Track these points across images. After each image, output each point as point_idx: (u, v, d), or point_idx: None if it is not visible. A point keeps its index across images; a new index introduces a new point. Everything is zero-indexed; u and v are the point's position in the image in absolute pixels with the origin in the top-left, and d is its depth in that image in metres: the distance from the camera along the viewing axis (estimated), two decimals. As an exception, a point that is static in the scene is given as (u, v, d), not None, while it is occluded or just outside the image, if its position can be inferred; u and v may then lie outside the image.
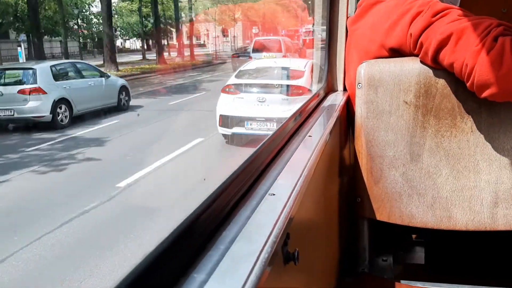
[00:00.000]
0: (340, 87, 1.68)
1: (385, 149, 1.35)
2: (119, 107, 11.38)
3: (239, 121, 7.30)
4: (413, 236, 1.70)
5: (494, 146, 1.28)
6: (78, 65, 11.55)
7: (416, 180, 1.34)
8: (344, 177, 1.48)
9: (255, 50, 17.86)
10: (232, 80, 7.94)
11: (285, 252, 0.66)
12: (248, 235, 0.59)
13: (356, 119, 1.38)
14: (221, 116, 7.35)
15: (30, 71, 9.70)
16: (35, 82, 9.38)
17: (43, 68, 9.97)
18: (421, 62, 1.27)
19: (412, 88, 1.29)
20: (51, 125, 9.27)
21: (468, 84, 1.15)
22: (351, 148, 1.46)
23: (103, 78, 11.47)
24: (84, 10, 34.27)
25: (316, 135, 1.11)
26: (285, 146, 1.03)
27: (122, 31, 42.04)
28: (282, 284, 0.68)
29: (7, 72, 10.23)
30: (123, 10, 39.92)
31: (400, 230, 1.43)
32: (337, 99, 1.56)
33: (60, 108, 9.56)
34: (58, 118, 9.47)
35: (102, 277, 3.87)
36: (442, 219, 1.33)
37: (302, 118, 1.28)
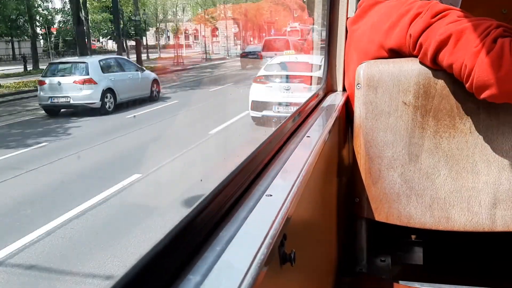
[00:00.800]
0: (339, 87, 1.68)
1: (383, 149, 1.35)
2: (151, 98, 13.12)
3: (268, 105, 8.84)
4: (412, 236, 1.70)
5: (492, 147, 1.28)
6: (119, 60, 13.59)
7: (414, 180, 1.34)
8: (342, 177, 1.48)
9: (265, 48, 20.08)
10: (262, 72, 9.55)
11: (281, 253, 0.66)
12: (244, 236, 0.59)
13: (355, 120, 1.38)
14: (253, 101, 8.86)
15: (83, 65, 11.72)
16: (87, 74, 11.31)
17: (93, 62, 11.92)
18: (420, 63, 1.27)
19: (411, 89, 1.29)
20: (100, 111, 11.11)
21: (467, 85, 1.15)
22: (350, 148, 1.46)
23: (139, 72, 13.26)
24: (37, 6, 29.75)
25: (315, 136, 1.11)
26: (283, 147, 1.03)
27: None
28: (278, 285, 0.68)
29: (63, 65, 12.10)
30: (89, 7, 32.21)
31: (399, 230, 1.43)
32: (336, 99, 1.56)
33: (107, 96, 11.36)
34: (106, 105, 11.33)
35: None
36: (441, 220, 1.33)
37: (301, 119, 1.29)
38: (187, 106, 12.59)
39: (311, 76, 8.41)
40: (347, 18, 1.65)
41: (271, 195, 0.72)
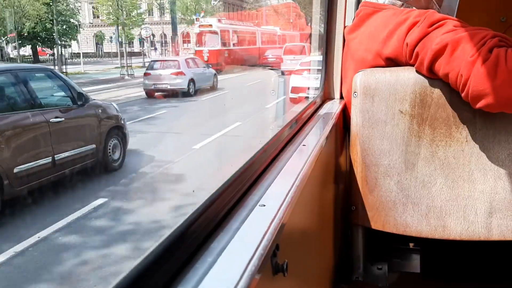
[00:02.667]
0: (336, 95, 1.69)
1: (380, 157, 1.35)
2: (212, 87, 18.18)
3: (302, 89, 10.23)
4: (409, 244, 1.70)
5: (488, 156, 1.28)
6: (195, 59, 18.86)
7: (411, 189, 1.34)
8: (339, 185, 1.48)
9: (286, 53, 23.76)
10: (298, 66, 11.83)
11: (274, 263, 0.66)
12: (236, 247, 0.59)
13: (351, 128, 1.38)
14: (293, 87, 10.49)
15: (176, 62, 17.15)
16: (178, 68, 16.42)
17: (181, 60, 17.33)
18: (417, 72, 1.27)
19: (407, 97, 1.30)
20: (186, 94, 16.01)
21: (463, 95, 1.16)
22: (346, 156, 1.46)
23: (206, 68, 18.62)
24: None
25: (311, 143, 1.11)
26: (279, 155, 1.03)
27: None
28: None
29: (162, 62, 17.61)
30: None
31: (395, 238, 1.43)
32: (334, 107, 1.57)
33: (190, 84, 16.34)
34: (191, 90, 16.39)
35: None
36: (437, 228, 1.33)
37: (298, 126, 1.29)
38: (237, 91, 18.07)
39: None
40: (344, 27, 1.66)
41: (264, 205, 0.72)
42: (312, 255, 1.10)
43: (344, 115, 1.53)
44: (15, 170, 5.06)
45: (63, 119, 6.03)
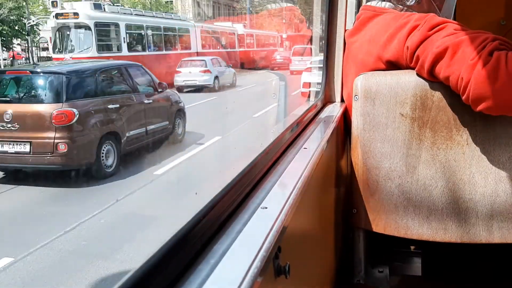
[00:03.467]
0: (337, 98, 1.69)
1: (381, 160, 1.35)
2: (232, 85, 19.72)
3: (313, 84, 11.13)
4: (410, 247, 1.70)
5: (489, 159, 1.28)
6: (218, 59, 20.16)
7: (412, 192, 1.34)
8: (340, 188, 1.49)
9: (294, 54, 24.65)
10: (309, 64, 11.98)
11: (276, 265, 0.66)
12: (238, 249, 0.60)
13: (352, 131, 1.39)
14: (304, 82, 10.68)
15: (204, 61, 18.49)
16: (206, 66, 18.06)
17: (208, 59, 18.88)
18: (418, 75, 1.28)
19: (408, 100, 1.30)
20: (211, 89, 17.47)
21: (463, 98, 1.16)
22: (347, 159, 1.46)
23: (228, 67, 20.35)
24: None
25: (313, 146, 1.12)
26: (280, 158, 1.03)
27: None
28: None
29: (192, 61, 18.87)
30: None
31: (397, 241, 1.43)
32: (334, 110, 1.57)
33: (215, 81, 17.96)
34: (216, 86, 17.95)
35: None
36: (438, 231, 1.33)
37: (299, 129, 1.29)
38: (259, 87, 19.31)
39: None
40: (345, 30, 1.66)
41: (266, 208, 0.73)
42: (314, 258, 1.10)
43: (345, 119, 1.54)
44: (127, 135, 7.55)
45: (151, 101, 8.47)
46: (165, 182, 7.01)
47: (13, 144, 6.59)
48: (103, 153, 6.99)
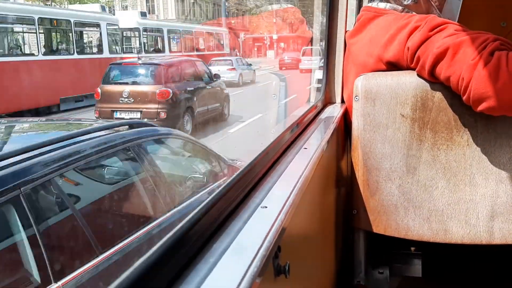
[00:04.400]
0: (338, 99, 1.69)
1: (381, 161, 1.35)
2: (252, 81, 22.25)
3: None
4: (410, 248, 1.70)
5: (490, 160, 1.28)
6: (242, 59, 23.43)
7: (412, 192, 1.34)
8: (340, 189, 1.48)
9: (303, 54, 26.33)
10: (319, 63, 14.02)
11: (276, 265, 0.66)
12: (238, 248, 0.59)
13: (353, 131, 1.38)
14: (317, 79, 12.36)
15: (230, 61, 21.35)
16: (232, 65, 20.75)
17: (234, 59, 21.87)
18: (418, 75, 1.28)
19: (409, 101, 1.30)
20: (236, 85, 19.36)
21: (464, 98, 1.16)
22: (348, 160, 1.46)
23: (249, 66, 23.04)
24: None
25: (313, 147, 1.12)
26: (280, 158, 1.03)
27: None
28: None
29: (221, 61, 21.49)
30: None
31: (397, 242, 1.42)
32: (335, 111, 1.57)
33: (239, 77, 20.54)
34: (240, 82, 20.33)
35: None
36: (438, 232, 1.33)
37: (299, 130, 1.29)
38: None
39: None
40: (345, 32, 1.66)
41: (266, 207, 0.72)
42: (313, 258, 1.10)
43: (345, 119, 1.53)
44: (197, 110, 10.89)
45: (210, 87, 11.84)
46: (229, 140, 10.39)
47: (129, 112, 9.98)
48: (184, 121, 10.36)
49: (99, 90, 10.25)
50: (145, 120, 8.89)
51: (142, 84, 10.59)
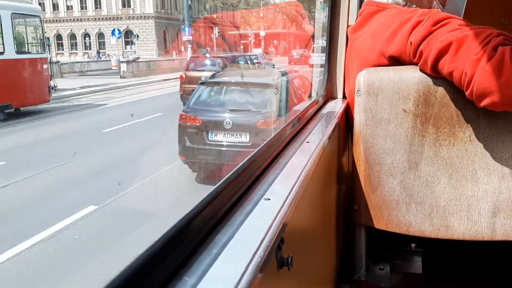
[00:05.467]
0: (339, 94, 1.69)
1: (383, 156, 1.34)
2: None
3: None
4: (411, 244, 1.69)
5: (492, 156, 1.27)
6: (264, 55, 25.44)
7: (414, 188, 1.33)
8: (342, 184, 1.48)
9: (312, 51, 29.48)
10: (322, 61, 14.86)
11: (279, 257, 0.65)
12: (241, 240, 0.59)
13: (355, 127, 1.38)
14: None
15: (254, 56, 22.34)
16: (258, 59, 21.81)
17: (259, 53, 24.54)
18: (421, 70, 1.27)
19: (411, 96, 1.30)
20: None
21: (467, 93, 1.15)
22: (349, 155, 1.46)
23: (269, 60, 25.98)
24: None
25: (314, 142, 1.11)
26: (282, 152, 1.02)
27: None
28: None
29: (246, 56, 22.32)
30: None
31: (398, 238, 1.42)
32: (336, 106, 1.56)
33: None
34: None
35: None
36: (440, 228, 1.32)
37: (301, 125, 1.29)
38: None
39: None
40: (347, 26, 1.65)
41: (269, 199, 0.72)
42: (315, 253, 1.09)
43: (347, 115, 1.53)
44: None
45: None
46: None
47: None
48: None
49: (184, 75, 13.99)
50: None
51: (213, 71, 13.63)
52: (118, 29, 39.41)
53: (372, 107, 1.34)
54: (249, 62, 17.51)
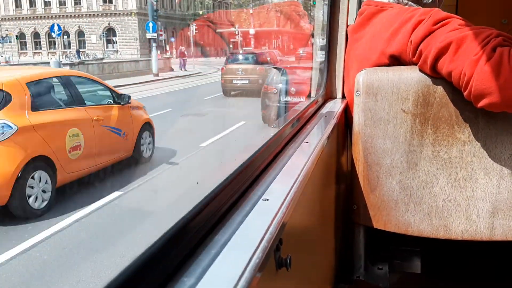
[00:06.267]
0: (339, 94, 1.69)
1: (382, 156, 1.35)
2: None
3: None
4: (410, 244, 1.70)
5: (491, 156, 1.28)
6: (277, 52, 25.78)
7: (412, 188, 1.33)
8: (341, 184, 1.48)
9: (321, 49, 29.44)
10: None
11: (277, 258, 0.66)
12: (240, 240, 0.59)
13: (354, 126, 1.38)
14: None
15: (273, 53, 23.24)
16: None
17: (275, 52, 24.03)
18: (420, 70, 1.27)
19: (410, 96, 1.30)
20: None
21: (465, 93, 1.15)
22: (348, 155, 1.46)
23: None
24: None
25: (313, 142, 1.11)
26: (281, 152, 1.03)
27: None
28: None
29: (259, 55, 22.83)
30: None
31: (397, 238, 1.42)
32: (336, 106, 1.56)
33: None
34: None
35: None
36: (438, 228, 1.33)
37: (300, 124, 1.29)
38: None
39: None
40: (347, 26, 1.65)
41: (267, 199, 0.72)
42: (314, 253, 1.09)
43: (346, 114, 1.53)
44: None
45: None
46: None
47: (242, 80, 15.82)
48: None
49: (224, 67, 16.70)
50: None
51: (249, 64, 16.88)
52: (57, 25, 35.47)
53: (371, 107, 1.34)
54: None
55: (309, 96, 1.83)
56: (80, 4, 48.44)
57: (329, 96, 1.69)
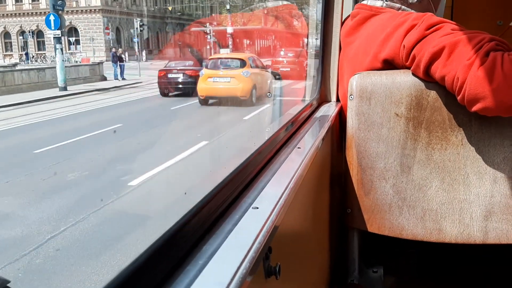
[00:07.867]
0: (333, 98, 1.69)
1: (376, 160, 1.35)
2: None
3: None
4: (404, 247, 1.70)
5: (484, 160, 1.28)
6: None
7: (406, 192, 1.34)
8: (334, 188, 1.48)
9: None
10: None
11: (266, 266, 0.65)
12: (228, 250, 0.59)
13: (347, 130, 1.38)
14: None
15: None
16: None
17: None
18: (413, 74, 1.27)
19: (403, 100, 1.30)
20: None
21: (459, 98, 1.15)
22: (342, 159, 1.46)
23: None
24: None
25: (307, 146, 1.11)
26: (274, 157, 1.02)
27: None
28: None
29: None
30: None
31: (391, 241, 1.42)
32: (330, 110, 1.56)
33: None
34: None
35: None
36: (432, 232, 1.33)
37: (294, 128, 1.28)
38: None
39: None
40: (341, 30, 1.65)
41: (257, 208, 0.72)
42: (307, 258, 1.09)
43: (340, 118, 1.53)
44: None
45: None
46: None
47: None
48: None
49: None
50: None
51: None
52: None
53: (365, 111, 1.34)
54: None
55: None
56: (38, 0, 42.32)
57: (323, 99, 1.69)
